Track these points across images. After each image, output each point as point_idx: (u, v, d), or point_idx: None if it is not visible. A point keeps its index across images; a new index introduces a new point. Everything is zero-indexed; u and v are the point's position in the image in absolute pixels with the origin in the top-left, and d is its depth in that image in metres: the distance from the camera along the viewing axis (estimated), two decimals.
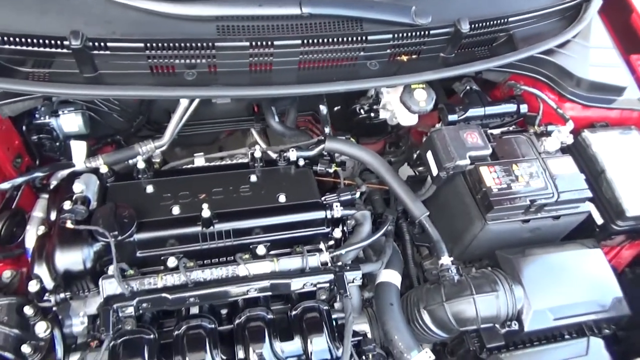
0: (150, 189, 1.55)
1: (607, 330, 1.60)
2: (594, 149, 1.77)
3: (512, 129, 1.88)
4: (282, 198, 1.57)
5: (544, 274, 1.56)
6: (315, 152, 1.71)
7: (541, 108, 1.83)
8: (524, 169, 1.64)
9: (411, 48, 1.66)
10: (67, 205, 1.39)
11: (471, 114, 1.79)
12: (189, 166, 1.76)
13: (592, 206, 1.71)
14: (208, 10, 1.47)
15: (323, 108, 1.89)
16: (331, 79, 1.56)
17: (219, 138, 2.19)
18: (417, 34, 1.62)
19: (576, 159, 1.74)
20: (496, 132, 1.80)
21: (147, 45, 1.43)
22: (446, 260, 1.58)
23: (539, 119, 1.83)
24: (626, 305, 1.58)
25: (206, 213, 1.42)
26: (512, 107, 1.86)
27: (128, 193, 1.54)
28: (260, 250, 1.47)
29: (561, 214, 1.64)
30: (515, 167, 1.64)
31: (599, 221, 1.74)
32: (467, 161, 1.61)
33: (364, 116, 1.98)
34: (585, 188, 1.64)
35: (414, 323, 1.57)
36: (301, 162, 1.69)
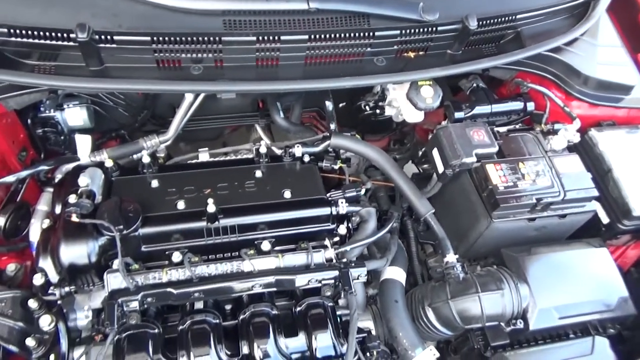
0: (155, 183, 1.55)
1: (612, 330, 1.59)
2: (601, 147, 1.77)
3: (518, 126, 1.86)
4: (287, 194, 1.57)
5: (549, 273, 1.56)
6: (320, 148, 1.70)
7: (548, 106, 1.82)
8: (530, 167, 1.64)
9: (418, 44, 1.66)
10: (73, 198, 1.40)
11: (478, 111, 1.79)
12: (193, 161, 1.76)
13: (598, 205, 1.71)
14: (215, 4, 1.46)
15: (329, 104, 1.88)
16: (338, 74, 1.55)
17: (223, 134, 2.18)
18: (425, 30, 1.62)
19: (583, 157, 1.73)
20: (502, 130, 1.79)
21: (154, 39, 1.43)
22: (451, 257, 1.58)
23: (546, 117, 1.82)
24: (632, 304, 1.57)
25: (211, 208, 1.42)
26: (518, 105, 1.85)
27: (133, 187, 1.54)
28: (265, 246, 1.47)
29: (567, 212, 1.64)
30: (521, 165, 1.64)
31: (605, 220, 1.73)
32: (473, 159, 1.60)
33: (370, 113, 1.97)
34: (592, 187, 1.64)
35: (418, 320, 1.56)
36: (306, 158, 1.68)
